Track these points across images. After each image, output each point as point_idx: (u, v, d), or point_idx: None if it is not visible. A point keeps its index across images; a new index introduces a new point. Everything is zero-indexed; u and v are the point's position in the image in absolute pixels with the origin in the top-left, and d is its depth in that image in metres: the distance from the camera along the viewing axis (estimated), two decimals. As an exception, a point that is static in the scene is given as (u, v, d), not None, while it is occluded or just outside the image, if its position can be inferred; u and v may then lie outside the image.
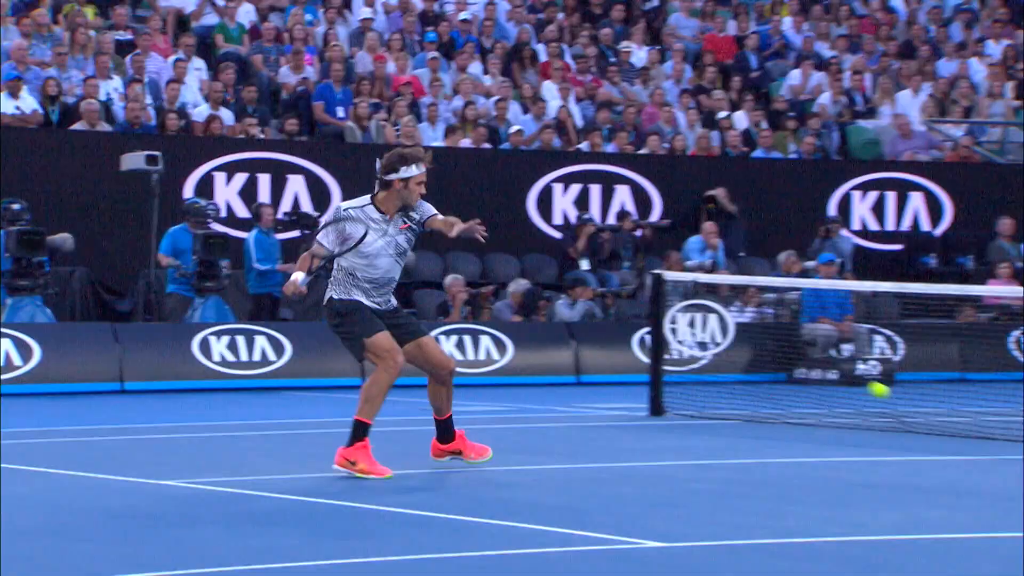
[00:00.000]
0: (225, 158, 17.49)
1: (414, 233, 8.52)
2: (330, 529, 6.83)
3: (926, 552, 6.39)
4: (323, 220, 8.62)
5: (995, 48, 22.30)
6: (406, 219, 8.43)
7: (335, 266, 8.44)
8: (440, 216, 8.48)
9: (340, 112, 18.56)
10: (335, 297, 8.43)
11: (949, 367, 16.31)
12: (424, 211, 8.47)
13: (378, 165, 8.36)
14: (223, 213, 17.03)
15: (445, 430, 8.73)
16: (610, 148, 19.16)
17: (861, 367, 15.76)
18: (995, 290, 16.58)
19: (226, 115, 17.91)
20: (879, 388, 11.71)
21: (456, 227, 8.37)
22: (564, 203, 18.78)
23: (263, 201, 17.01)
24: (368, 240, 8.32)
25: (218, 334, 14.93)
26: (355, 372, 15.49)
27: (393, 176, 8.31)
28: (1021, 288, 16.42)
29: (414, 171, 8.31)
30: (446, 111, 19.13)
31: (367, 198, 8.46)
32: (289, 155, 17.82)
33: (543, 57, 20.46)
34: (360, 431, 8.30)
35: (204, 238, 15.37)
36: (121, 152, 16.15)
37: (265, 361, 15.04)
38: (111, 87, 17.68)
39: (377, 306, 8.46)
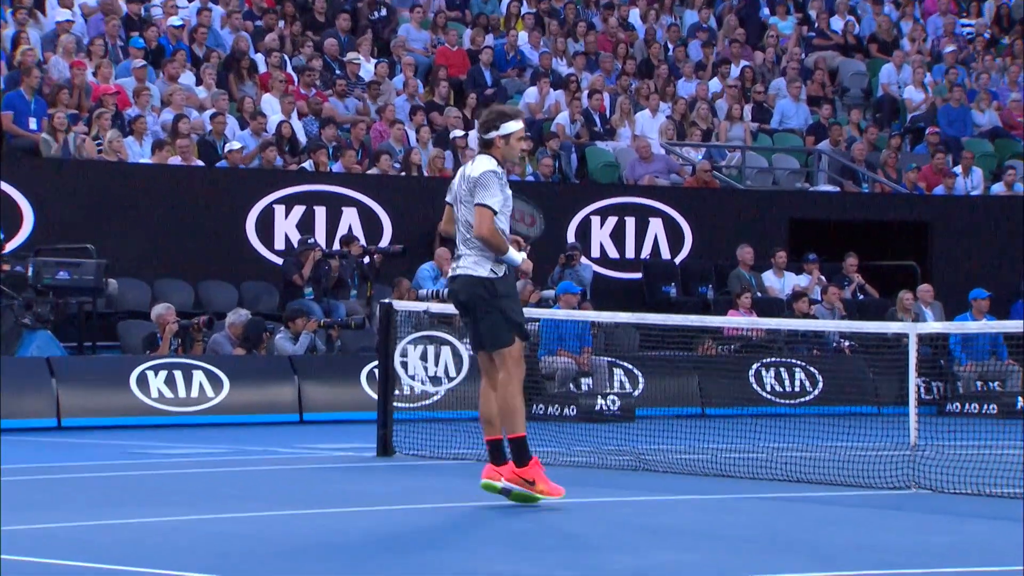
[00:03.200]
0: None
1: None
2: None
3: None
4: (490, 183, 8.72)
5: (734, 69, 23.33)
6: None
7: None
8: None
9: (33, 124, 18.04)
10: (494, 274, 8.82)
11: (689, 402, 16.87)
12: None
13: (476, 126, 8.98)
14: None
15: (499, 449, 8.91)
16: (336, 167, 19.20)
17: (600, 402, 16.17)
18: (735, 321, 17.24)
19: (-100, 125, 17.22)
20: None
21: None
22: (287, 226, 18.71)
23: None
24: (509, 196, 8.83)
25: None
26: (50, 413, 15.04)
27: (494, 134, 8.75)
28: (760, 319, 17.19)
29: (514, 127, 8.76)
30: (154, 124, 18.82)
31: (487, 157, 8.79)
32: (-25, 170, 17.23)
33: (263, 68, 20.37)
34: (523, 447, 8.64)
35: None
36: None
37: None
38: None
39: None
